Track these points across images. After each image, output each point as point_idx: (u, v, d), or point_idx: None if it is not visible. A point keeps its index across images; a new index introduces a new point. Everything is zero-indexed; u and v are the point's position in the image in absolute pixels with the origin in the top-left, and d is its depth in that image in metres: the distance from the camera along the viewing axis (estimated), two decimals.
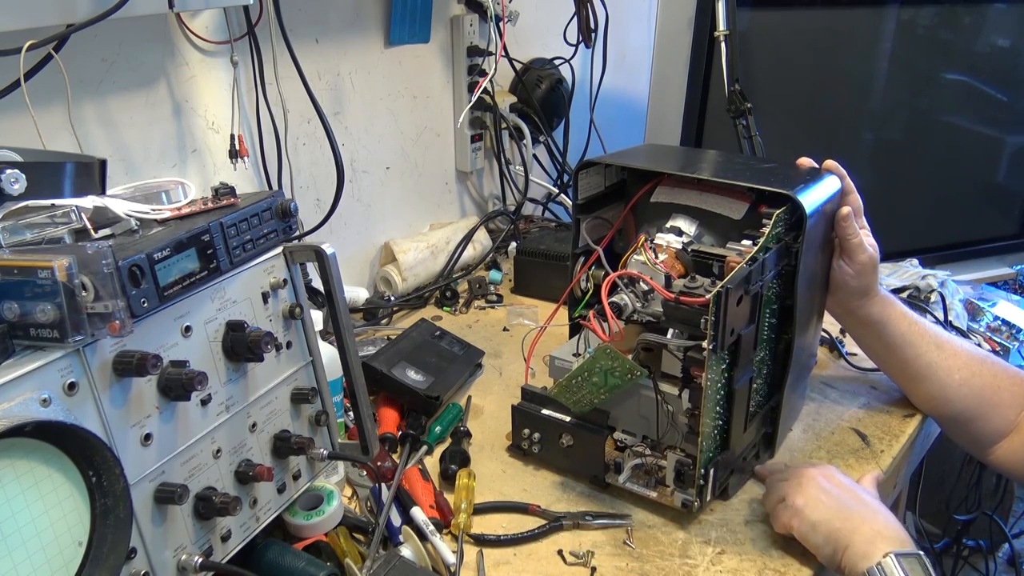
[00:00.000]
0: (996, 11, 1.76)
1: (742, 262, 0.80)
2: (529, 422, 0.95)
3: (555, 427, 0.92)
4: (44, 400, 0.55)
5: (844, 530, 0.77)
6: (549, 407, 0.93)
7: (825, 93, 1.68)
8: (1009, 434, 0.96)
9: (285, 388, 0.79)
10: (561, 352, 0.99)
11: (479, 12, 1.47)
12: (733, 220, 0.92)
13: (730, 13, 1.40)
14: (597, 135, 1.73)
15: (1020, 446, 0.95)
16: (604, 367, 0.83)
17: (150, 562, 0.65)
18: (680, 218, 0.94)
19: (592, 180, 1.01)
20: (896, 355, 0.99)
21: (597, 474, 0.91)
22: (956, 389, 0.96)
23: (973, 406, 0.96)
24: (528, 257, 1.42)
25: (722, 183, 0.92)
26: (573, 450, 0.91)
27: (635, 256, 0.90)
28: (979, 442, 0.98)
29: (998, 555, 2.11)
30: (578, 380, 0.86)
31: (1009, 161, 1.84)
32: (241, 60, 1.13)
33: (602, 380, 0.84)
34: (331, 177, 1.18)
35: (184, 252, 0.66)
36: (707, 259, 0.88)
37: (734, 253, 0.86)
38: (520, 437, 0.96)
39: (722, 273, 0.85)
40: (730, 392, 0.83)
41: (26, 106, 0.84)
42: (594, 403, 0.87)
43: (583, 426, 0.91)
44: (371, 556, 0.80)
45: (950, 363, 0.96)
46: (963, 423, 0.98)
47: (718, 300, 0.75)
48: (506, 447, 1.00)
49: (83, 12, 0.85)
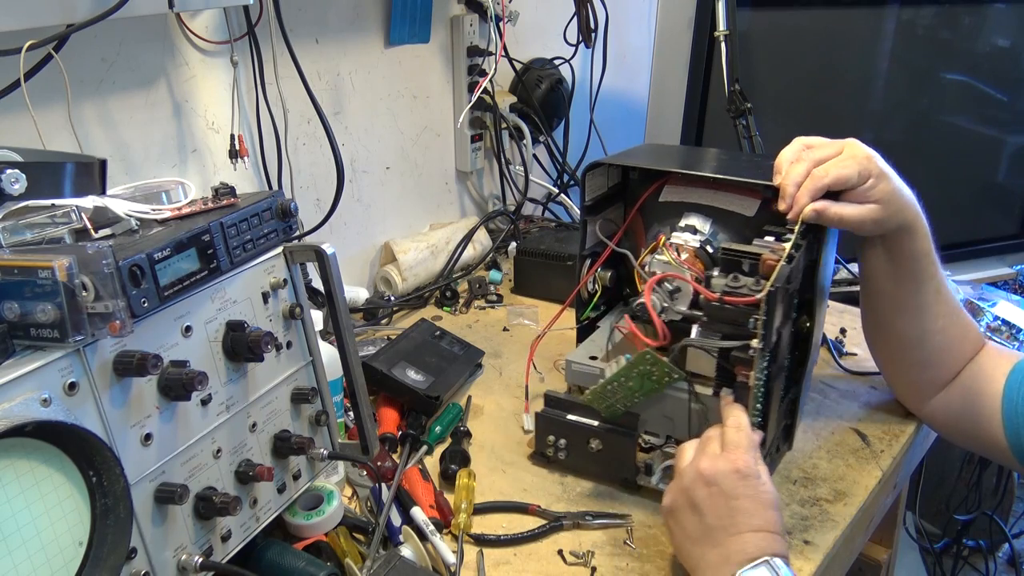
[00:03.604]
0: (996, 11, 1.76)
1: (780, 260, 0.80)
2: (554, 428, 0.93)
3: (583, 432, 0.91)
4: (44, 400, 0.55)
5: (693, 555, 0.74)
6: (574, 412, 0.92)
7: (825, 93, 1.68)
8: (947, 386, 0.95)
9: (285, 388, 0.79)
10: (577, 356, 0.99)
11: (479, 12, 1.47)
12: (746, 217, 0.92)
13: (730, 13, 1.40)
14: (597, 135, 1.73)
15: (956, 400, 0.94)
16: (642, 371, 0.83)
17: (150, 562, 0.65)
18: (693, 216, 0.94)
19: (596, 181, 1.01)
20: (902, 289, 0.93)
21: (628, 477, 0.91)
22: (932, 335, 0.94)
23: (936, 352, 0.94)
24: (528, 257, 1.42)
25: (735, 181, 0.92)
26: (602, 454, 0.90)
27: (658, 256, 0.90)
28: (922, 391, 0.97)
29: (998, 555, 2.11)
30: (614, 385, 0.85)
31: (1009, 161, 1.84)
32: (241, 60, 1.13)
33: (638, 384, 0.84)
34: (331, 177, 1.18)
35: (184, 252, 0.66)
36: (738, 257, 0.87)
37: (767, 251, 0.85)
38: (545, 444, 0.94)
39: (754, 270, 0.84)
40: (768, 389, 0.83)
41: (26, 106, 0.84)
42: (627, 407, 0.87)
43: (613, 430, 0.89)
44: (371, 556, 0.80)
45: (939, 308, 0.93)
46: (919, 368, 0.96)
47: (771, 300, 0.75)
48: (528, 455, 0.99)
49: (83, 12, 0.85)
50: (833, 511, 0.89)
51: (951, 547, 2.04)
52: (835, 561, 0.87)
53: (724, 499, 0.73)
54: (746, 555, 0.70)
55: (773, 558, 0.69)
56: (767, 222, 0.90)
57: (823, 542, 0.85)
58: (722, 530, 0.72)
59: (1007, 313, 1.34)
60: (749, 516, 0.72)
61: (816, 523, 0.87)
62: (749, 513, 0.72)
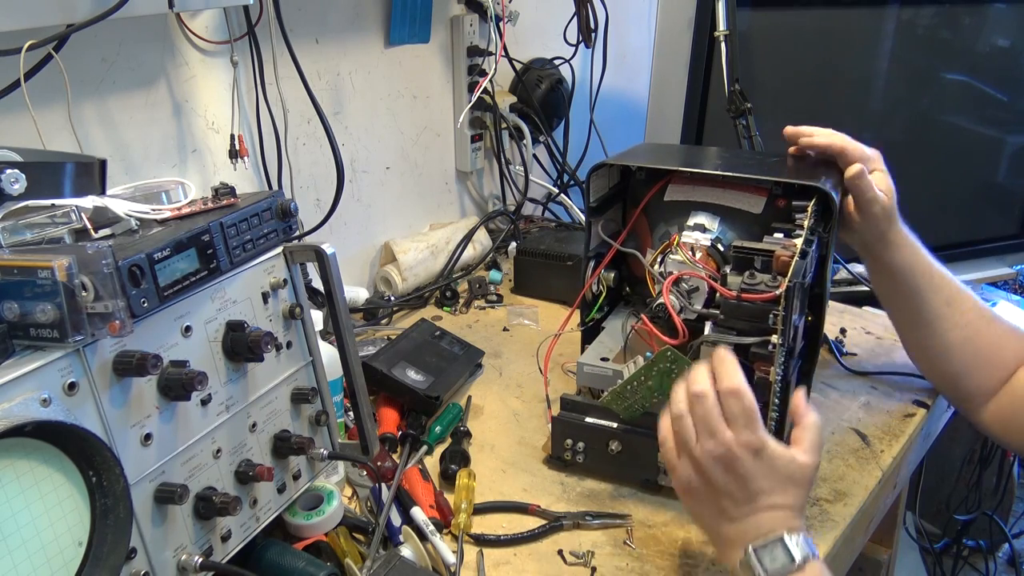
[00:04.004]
0: (996, 11, 1.75)
1: (794, 256, 0.80)
2: (572, 432, 0.93)
3: (602, 435, 0.91)
4: (44, 400, 0.55)
5: (711, 528, 0.74)
6: (592, 415, 0.92)
7: (825, 93, 1.68)
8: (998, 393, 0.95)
9: (285, 388, 0.79)
10: (587, 358, 0.98)
11: (479, 12, 1.47)
12: (753, 214, 0.92)
13: (730, 13, 1.40)
14: (597, 135, 1.73)
15: (1006, 406, 0.94)
16: (662, 369, 0.83)
17: (150, 562, 0.65)
18: (701, 215, 0.94)
19: (599, 182, 1.01)
20: (905, 302, 0.97)
21: (650, 477, 0.91)
22: (958, 346, 0.95)
23: (970, 363, 0.95)
24: (528, 257, 1.42)
25: (741, 178, 0.92)
26: (622, 456, 0.90)
27: (672, 255, 0.90)
28: (972, 400, 0.97)
29: (998, 555, 2.11)
30: (633, 385, 0.85)
31: (1009, 161, 1.84)
32: (241, 60, 1.13)
33: (657, 383, 0.84)
34: (331, 177, 1.18)
35: (184, 252, 0.66)
36: (750, 254, 0.87)
37: (779, 247, 0.85)
38: (562, 448, 0.93)
39: (766, 267, 0.85)
40: (785, 384, 0.83)
41: (26, 106, 0.84)
42: (645, 407, 0.87)
43: (632, 431, 0.89)
44: (371, 556, 0.80)
45: (957, 319, 0.95)
46: (957, 379, 0.97)
47: (789, 295, 0.76)
48: (543, 459, 0.98)
49: (83, 12, 0.85)
50: (833, 511, 0.89)
51: (951, 547, 2.04)
52: (835, 561, 0.87)
53: (743, 482, 0.71)
54: (760, 532, 0.70)
55: (788, 535, 0.69)
56: (773, 219, 0.90)
57: (823, 542, 0.85)
58: (739, 507, 0.72)
59: (1007, 313, 1.34)
60: (768, 494, 0.71)
61: (816, 523, 0.87)
62: (767, 492, 0.71)
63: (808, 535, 0.70)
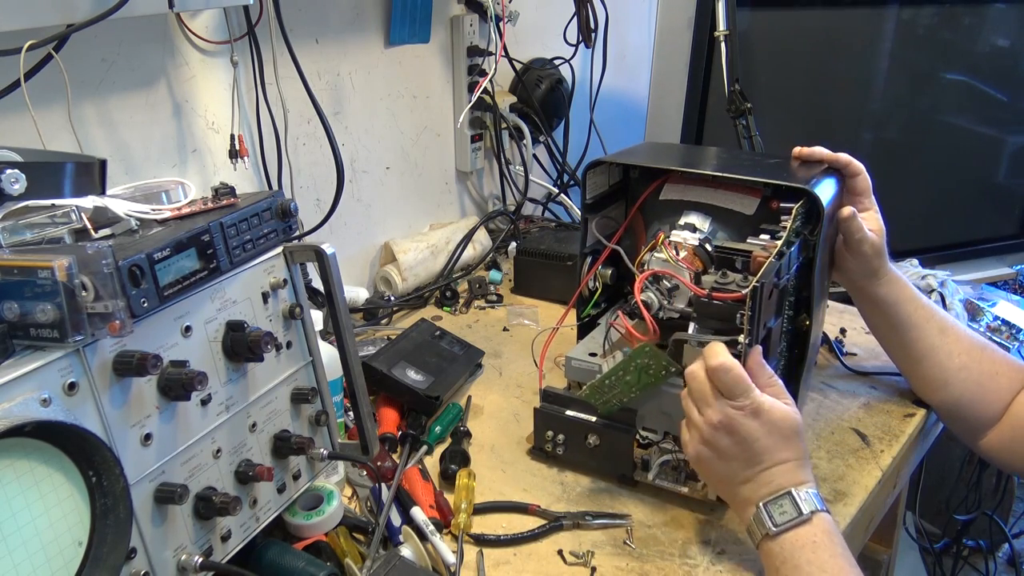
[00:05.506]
0: (996, 11, 1.76)
1: (769, 257, 0.80)
2: (553, 424, 0.94)
3: (581, 428, 0.91)
4: (44, 400, 0.55)
5: (727, 493, 0.79)
6: (572, 408, 0.93)
7: (825, 93, 1.68)
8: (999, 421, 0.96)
9: (285, 388, 0.79)
10: (576, 352, 0.99)
11: (479, 12, 1.47)
12: (746, 215, 0.92)
13: (730, 13, 1.40)
14: (597, 135, 1.73)
15: (1007, 432, 0.96)
16: (640, 365, 0.83)
17: (150, 562, 0.65)
18: (693, 215, 0.95)
19: (598, 180, 1.01)
20: (899, 336, 0.99)
21: (626, 472, 0.91)
22: (955, 373, 0.97)
23: (971, 391, 0.96)
24: (528, 257, 1.42)
25: (734, 179, 0.92)
26: (600, 450, 0.91)
27: (656, 254, 0.90)
28: (973, 429, 0.98)
29: (998, 555, 2.11)
30: (611, 380, 0.86)
31: (1009, 161, 1.84)
32: (241, 60, 1.13)
33: (635, 379, 0.85)
34: (331, 177, 1.18)
35: (184, 252, 0.66)
36: (730, 255, 0.88)
37: (758, 248, 0.86)
38: (543, 440, 0.95)
39: (746, 268, 0.85)
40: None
41: (26, 106, 0.84)
42: (623, 402, 0.87)
43: (610, 425, 0.90)
44: (371, 556, 0.80)
45: (951, 348, 0.97)
46: (959, 409, 0.98)
47: (755, 295, 0.76)
48: (527, 450, 0.99)
49: (83, 12, 0.85)
50: (833, 511, 0.88)
51: (951, 547, 2.04)
52: None
53: (747, 444, 0.75)
54: (770, 488, 0.74)
55: (797, 488, 0.73)
56: (766, 220, 0.90)
57: None
58: (748, 468, 0.76)
59: (1007, 313, 1.34)
60: (772, 452, 0.75)
61: None
62: (771, 450, 0.75)
63: (816, 489, 0.73)
